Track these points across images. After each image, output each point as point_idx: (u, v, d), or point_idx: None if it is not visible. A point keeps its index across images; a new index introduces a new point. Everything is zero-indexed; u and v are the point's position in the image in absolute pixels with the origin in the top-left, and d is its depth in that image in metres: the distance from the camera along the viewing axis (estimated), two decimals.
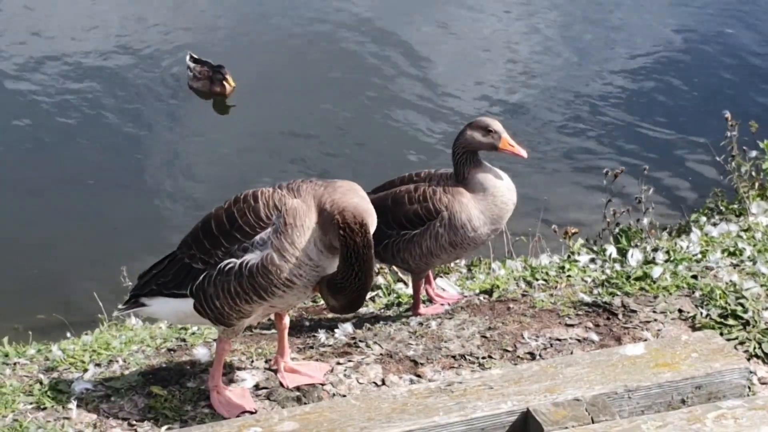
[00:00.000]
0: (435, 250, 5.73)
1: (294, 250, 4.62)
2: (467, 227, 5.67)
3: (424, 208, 5.70)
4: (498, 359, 5.48)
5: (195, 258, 4.86)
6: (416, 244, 5.73)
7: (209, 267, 4.80)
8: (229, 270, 4.72)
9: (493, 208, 5.69)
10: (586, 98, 14.92)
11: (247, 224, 4.70)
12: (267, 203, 4.70)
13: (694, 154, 12.61)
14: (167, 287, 4.99)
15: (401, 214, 5.74)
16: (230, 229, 4.74)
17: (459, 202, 5.67)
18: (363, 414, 4.32)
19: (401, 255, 5.78)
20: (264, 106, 14.97)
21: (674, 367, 4.55)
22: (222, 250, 4.76)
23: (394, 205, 5.77)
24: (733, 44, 16.52)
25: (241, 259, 4.69)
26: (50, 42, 16.41)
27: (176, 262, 4.97)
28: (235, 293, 4.73)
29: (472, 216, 5.67)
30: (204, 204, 11.94)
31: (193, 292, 4.86)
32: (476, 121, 5.79)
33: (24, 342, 6.19)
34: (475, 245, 5.82)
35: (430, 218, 5.70)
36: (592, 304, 5.96)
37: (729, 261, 6.44)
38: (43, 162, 13.39)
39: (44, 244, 11.42)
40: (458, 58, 16.02)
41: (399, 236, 5.75)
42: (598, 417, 4.27)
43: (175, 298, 4.97)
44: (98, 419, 4.96)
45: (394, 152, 13.33)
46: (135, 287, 5.22)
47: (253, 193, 4.78)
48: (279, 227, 4.64)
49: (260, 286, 4.68)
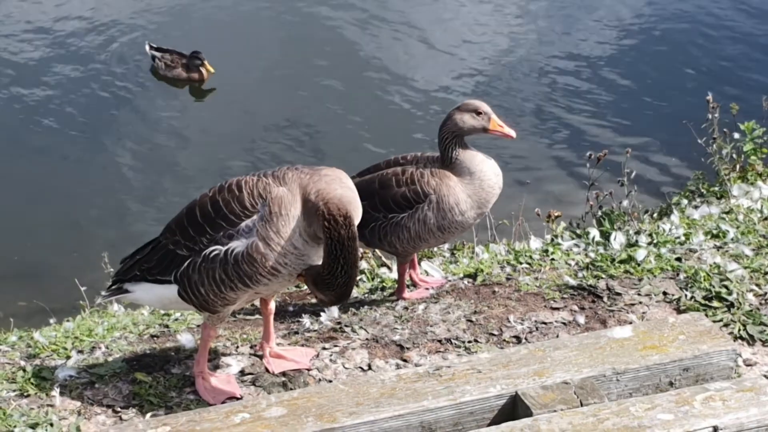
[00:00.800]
0: (423, 233, 5.71)
1: (279, 239, 4.59)
2: (455, 211, 5.65)
3: (412, 191, 5.67)
4: (484, 343, 5.47)
5: (179, 244, 4.82)
6: (404, 228, 5.70)
7: (194, 254, 4.76)
8: (214, 257, 4.68)
9: (480, 192, 5.67)
10: (568, 80, 14.91)
11: (232, 213, 4.66)
12: (251, 192, 4.66)
13: (676, 136, 12.60)
14: (151, 273, 4.94)
15: (389, 197, 5.71)
16: (215, 217, 4.70)
17: (446, 185, 5.65)
18: (351, 399, 4.29)
19: (388, 238, 5.75)
20: (241, 91, 14.88)
21: (662, 350, 4.54)
22: (207, 237, 4.72)
23: (381, 188, 5.73)
24: (717, 24, 16.55)
25: (227, 246, 4.65)
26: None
27: (160, 248, 4.93)
28: (220, 280, 4.69)
29: (459, 200, 5.64)
30: (186, 190, 11.91)
31: (178, 278, 4.82)
32: (465, 104, 5.76)
33: (5, 329, 6.13)
34: (462, 229, 5.80)
35: (418, 201, 5.67)
36: (577, 287, 5.96)
37: (712, 243, 6.46)
38: (22, 150, 13.29)
39: (24, 231, 11.32)
40: (442, 41, 15.97)
41: (387, 219, 5.72)
42: (587, 400, 4.26)
43: (160, 284, 4.93)
44: (82, 406, 4.91)
45: (377, 136, 13.28)
46: (118, 272, 5.17)
47: (237, 182, 4.73)
48: (264, 215, 4.60)
49: (245, 274, 4.65)
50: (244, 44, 16.11)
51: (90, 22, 16.53)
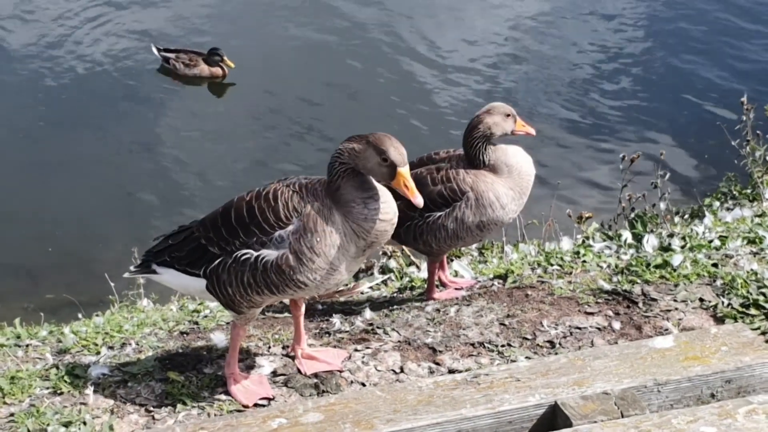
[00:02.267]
0: (460, 232, 5.66)
1: (312, 255, 4.59)
2: (495, 205, 5.61)
3: (449, 189, 5.63)
4: (517, 347, 5.41)
5: (212, 242, 4.81)
6: (441, 227, 5.66)
7: (225, 254, 4.76)
8: (245, 261, 4.68)
9: (520, 182, 5.67)
10: (599, 80, 14.83)
11: (266, 222, 4.67)
12: (287, 204, 4.66)
13: (708, 137, 12.52)
14: (180, 263, 4.94)
15: (425, 195, 5.64)
16: (249, 223, 4.71)
17: (483, 181, 5.62)
18: (389, 406, 4.25)
19: (424, 237, 5.70)
20: (261, 85, 14.92)
21: (704, 361, 4.49)
22: (240, 240, 4.73)
23: (417, 186, 5.68)
24: (753, 25, 16.39)
25: (258, 253, 4.66)
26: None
27: (192, 240, 4.92)
28: (247, 284, 4.70)
29: (500, 193, 5.62)
30: (215, 186, 11.93)
31: (207, 274, 4.81)
32: (494, 108, 5.74)
33: (35, 322, 6.11)
34: (502, 224, 5.76)
35: (455, 199, 5.63)
36: (612, 291, 5.89)
37: (749, 249, 6.38)
38: (56, 143, 13.39)
39: (55, 224, 11.37)
40: (465, 38, 15.89)
41: (422, 218, 5.67)
42: (628, 411, 4.21)
43: (188, 275, 4.92)
44: (115, 405, 4.89)
45: (402, 132, 13.23)
46: (149, 251, 5.14)
47: (273, 191, 4.73)
48: (299, 230, 4.59)
49: (272, 282, 4.66)
50: (257, 38, 16.13)
51: (92, 25, 16.49)
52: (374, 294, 6.33)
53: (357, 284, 6.46)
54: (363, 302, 6.04)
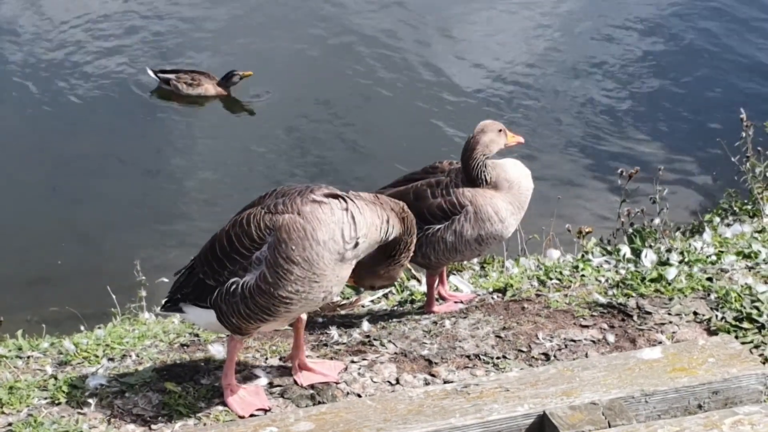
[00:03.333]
0: (459, 245, 5.72)
1: (289, 265, 4.63)
2: (494, 219, 5.67)
3: (448, 202, 5.69)
4: (513, 359, 5.46)
5: (207, 275, 4.92)
6: (440, 239, 5.72)
7: (219, 284, 4.86)
8: (234, 291, 4.78)
9: (519, 196, 5.74)
10: (599, 95, 14.87)
11: (243, 247, 4.74)
12: (259, 225, 4.71)
13: (708, 153, 12.56)
14: (190, 298, 5.03)
15: (424, 208, 5.71)
16: (230, 251, 4.78)
17: (482, 195, 5.69)
18: (379, 415, 4.31)
19: (423, 250, 5.75)
20: (270, 103, 14.98)
21: (691, 372, 4.54)
22: (228, 270, 4.81)
23: (416, 199, 5.74)
24: (753, 40, 16.43)
25: (243, 279, 4.74)
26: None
27: (194, 275, 5.02)
28: (244, 313, 4.78)
29: (498, 207, 5.68)
30: (217, 200, 11.99)
31: (212, 305, 4.91)
32: (486, 126, 5.82)
33: (37, 334, 6.18)
34: (501, 238, 5.81)
35: (454, 212, 5.69)
36: (607, 305, 5.94)
37: (744, 263, 6.42)
38: (58, 156, 13.46)
39: (57, 236, 11.45)
40: (477, 54, 15.99)
41: (422, 231, 5.72)
42: (615, 421, 4.26)
43: (203, 308, 5.01)
44: (112, 415, 4.95)
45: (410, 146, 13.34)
46: (170, 290, 5.22)
47: (246, 216, 4.79)
48: (272, 243, 4.66)
49: (260, 306, 4.73)
50: (260, 56, 16.13)
51: (86, 50, 16.42)
52: (375, 307, 6.38)
53: (359, 298, 6.51)
54: (363, 315, 6.09)
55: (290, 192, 4.83)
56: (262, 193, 4.99)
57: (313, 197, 4.72)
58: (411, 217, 4.92)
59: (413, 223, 4.93)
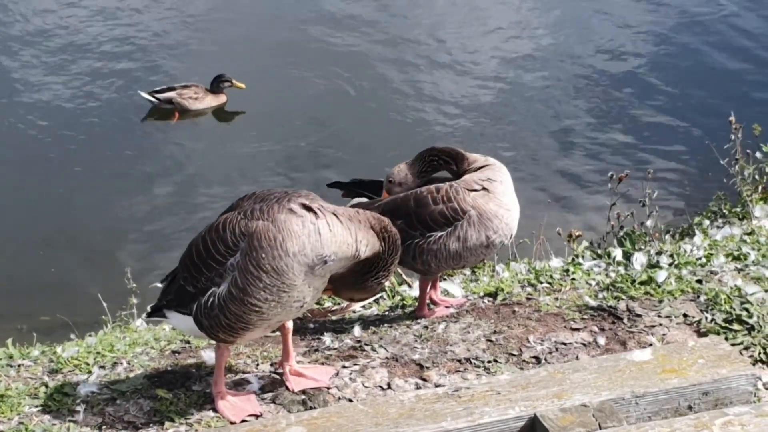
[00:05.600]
0: (464, 252, 5.69)
1: (259, 272, 4.60)
2: (497, 221, 5.64)
3: (450, 208, 5.66)
4: (504, 363, 5.48)
5: (187, 281, 4.90)
6: (443, 247, 5.69)
7: (198, 291, 4.84)
8: (212, 304, 4.75)
9: (512, 196, 5.78)
10: (589, 99, 14.91)
11: (218, 253, 4.71)
12: (234, 230, 4.68)
13: (698, 156, 12.61)
14: (172, 305, 5.02)
15: (426, 215, 5.69)
16: (206, 257, 4.76)
17: (482, 198, 5.67)
18: (371, 419, 4.32)
19: (424, 257, 5.72)
20: (264, 108, 14.99)
21: (681, 373, 4.55)
22: (205, 276, 4.78)
23: (417, 206, 5.71)
24: (742, 44, 16.49)
25: (219, 289, 4.72)
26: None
27: (176, 282, 5.01)
28: (225, 324, 4.75)
29: (500, 210, 5.68)
30: (206, 208, 11.98)
31: (194, 320, 4.89)
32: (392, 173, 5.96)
33: (28, 343, 6.17)
34: (504, 240, 5.77)
35: (456, 218, 5.65)
36: (597, 308, 5.96)
37: (733, 265, 6.45)
38: (48, 164, 13.46)
39: (48, 244, 11.45)
40: (464, 61, 16.01)
41: (424, 238, 5.71)
42: (606, 423, 4.27)
43: (184, 315, 5.00)
44: (104, 423, 4.95)
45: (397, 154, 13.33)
46: (159, 297, 5.22)
47: (223, 222, 4.75)
48: (244, 250, 4.63)
49: (234, 314, 4.70)
50: (254, 63, 16.13)
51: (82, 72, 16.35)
52: (366, 312, 6.39)
53: (350, 303, 6.51)
54: (354, 320, 6.10)
55: (269, 197, 4.79)
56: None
57: (290, 206, 4.67)
58: (394, 236, 4.84)
59: (396, 242, 4.86)
